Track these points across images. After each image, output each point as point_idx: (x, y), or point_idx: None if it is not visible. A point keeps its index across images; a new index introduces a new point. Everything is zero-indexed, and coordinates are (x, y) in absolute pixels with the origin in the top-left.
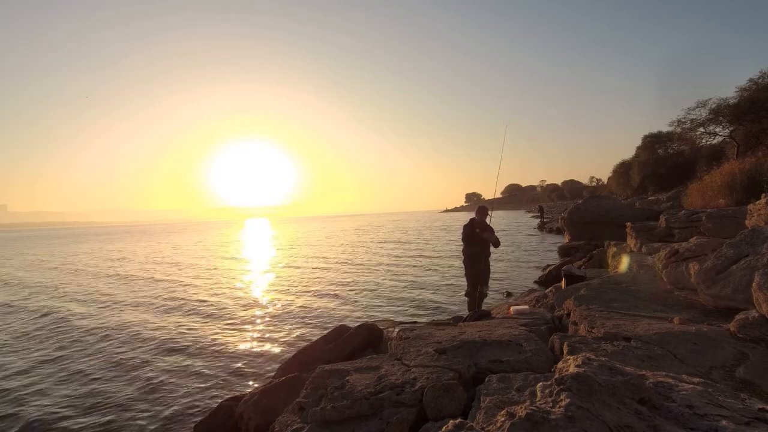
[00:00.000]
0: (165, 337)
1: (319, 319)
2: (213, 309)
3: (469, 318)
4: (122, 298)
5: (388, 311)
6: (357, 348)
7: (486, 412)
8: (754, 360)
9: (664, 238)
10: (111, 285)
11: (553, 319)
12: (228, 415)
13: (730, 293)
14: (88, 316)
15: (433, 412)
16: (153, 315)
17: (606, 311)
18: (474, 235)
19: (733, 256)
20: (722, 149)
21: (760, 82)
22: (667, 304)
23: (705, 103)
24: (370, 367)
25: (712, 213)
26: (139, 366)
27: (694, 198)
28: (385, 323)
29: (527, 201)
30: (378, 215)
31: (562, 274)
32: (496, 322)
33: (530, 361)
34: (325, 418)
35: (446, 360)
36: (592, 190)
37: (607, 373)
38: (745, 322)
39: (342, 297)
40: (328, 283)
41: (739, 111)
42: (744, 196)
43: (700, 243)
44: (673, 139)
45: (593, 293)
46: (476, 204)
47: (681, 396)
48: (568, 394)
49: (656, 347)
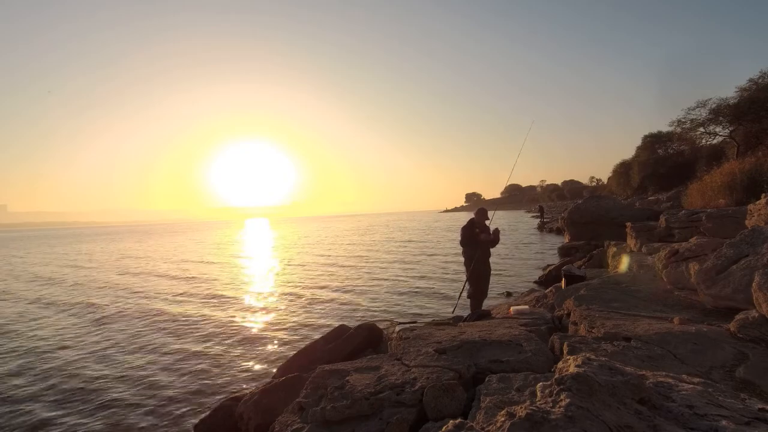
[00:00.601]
0: (165, 336)
1: (319, 319)
2: (213, 309)
3: (469, 318)
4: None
5: (388, 311)
6: (357, 348)
7: (486, 412)
8: (754, 360)
9: (664, 238)
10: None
11: (553, 319)
12: (228, 415)
13: (730, 293)
14: (88, 312)
15: (433, 412)
16: (152, 315)
17: (606, 311)
18: (474, 236)
19: (733, 256)
20: (722, 149)
21: (760, 82)
22: (667, 304)
23: (705, 103)
24: (370, 367)
25: (712, 213)
26: (138, 365)
27: (694, 198)
28: (385, 323)
29: (527, 201)
30: (378, 215)
31: (562, 274)
32: (496, 322)
33: (530, 361)
34: (325, 418)
35: (446, 360)
36: (592, 190)
37: (607, 373)
38: (745, 322)
39: (342, 297)
40: (328, 283)
41: (739, 111)
42: (744, 196)
43: (700, 243)
44: (673, 139)
45: (593, 293)
46: (476, 204)
47: (681, 396)
48: (568, 394)
49: (656, 347)
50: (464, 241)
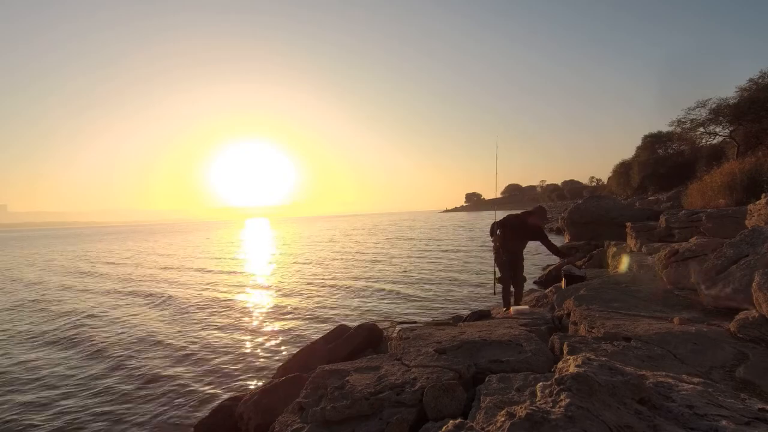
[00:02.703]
0: (165, 336)
1: (320, 318)
2: (213, 308)
3: (468, 318)
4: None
5: (388, 311)
6: (357, 348)
7: (486, 412)
8: (754, 360)
9: (664, 238)
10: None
11: (553, 319)
12: (228, 415)
13: (730, 293)
14: (83, 312)
15: (433, 412)
16: (151, 314)
17: (606, 311)
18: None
19: (733, 256)
20: (722, 149)
21: (760, 82)
22: (667, 304)
23: (705, 103)
24: (370, 367)
25: (712, 213)
26: (138, 365)
27: (694, 198)
28: (385, 323)
29: (527, 201)
30: (378, 215)
31: (562, 274)
32: (496, 322)
33: (530, 361)
34: (325, 418)
35: (446, 360)
36: (592, 190)
37: (607, 373)
38: (745, 322)
39: (342, 297)
40: (329, 282)
41: (739, 111)
42: (744, 196)
43: (700, 243)
44: (673, 139)
45: (593, 293)
46: (476, 204)
47: (681, 396)
48: (568, 394)
49: (656, 347)
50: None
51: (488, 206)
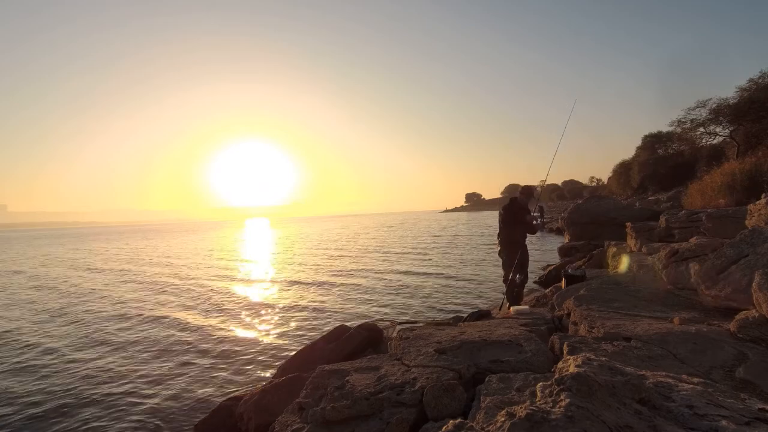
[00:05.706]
0: (165, 336)
1: (320, 318)
2: (213, 308)
3: (468, 318)
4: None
5: (388, 311)
6: (357, 348)
7: (486, 412)
8: (754, 360)
9: (664, 238)
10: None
11: (553, 319)
12: (228, 415)
13: (730, 293)
14: (76, 313)
15: (433, 412)
16: (150, 315)
17: (606, 311)
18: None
19: (733, 256)
20: (722, 149)
21: (760, 82)
22: (667, 304)
23: (705, 103)
24: (370, 367)
25: (712, 213)
26: (138, 365)
27: (694, 198)
28: (385, 323)
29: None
30: (379, 215)
31: (562, 274)
32: (496, 322)
33: (530, 361)
34: (325, 418)
35: (446, 360)
36: (592, 190)
37: (607, 373)
38: (745, 322)
39: (343, 297)
40: (329, 282)
41: (739, 111)
42: (744, 196)
43: (700, 243)
44: (674, 139)
45: (593, 293)
46: (476, 204)
47: (681, 396)
48: (568, 394)
49: (656, 347)
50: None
51: (488, 206)
